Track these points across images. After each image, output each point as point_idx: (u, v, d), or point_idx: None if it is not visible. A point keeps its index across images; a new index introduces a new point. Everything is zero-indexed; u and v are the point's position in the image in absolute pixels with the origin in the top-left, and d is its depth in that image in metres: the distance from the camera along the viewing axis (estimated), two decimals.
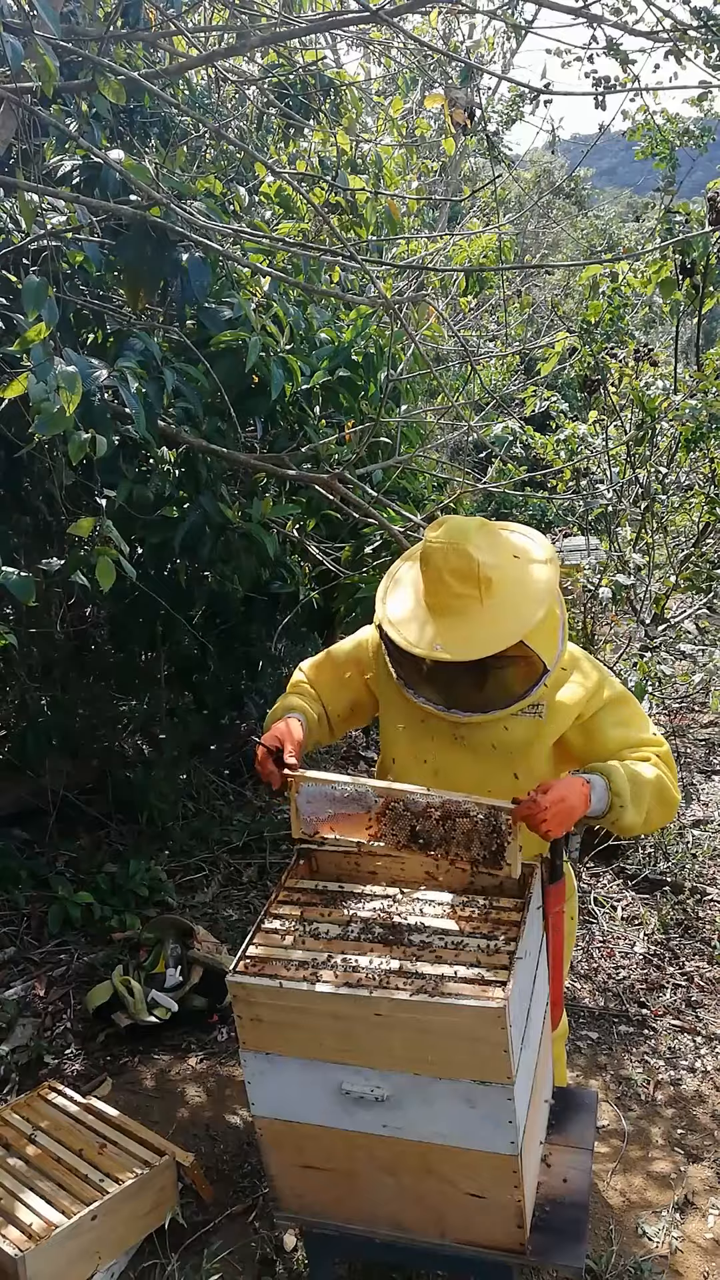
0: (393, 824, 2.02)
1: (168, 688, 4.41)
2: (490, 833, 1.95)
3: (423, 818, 1.99)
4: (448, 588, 2.03)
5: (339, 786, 2.08)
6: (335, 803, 2.08)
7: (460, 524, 2.07)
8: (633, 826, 2.10)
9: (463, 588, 2.02)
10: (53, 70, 2.06)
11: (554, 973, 2.30)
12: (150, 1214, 2.37)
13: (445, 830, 1.98)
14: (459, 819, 1.96)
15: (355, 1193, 1.96)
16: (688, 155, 5.80)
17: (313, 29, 3.54)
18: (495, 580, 2.03)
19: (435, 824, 1.98)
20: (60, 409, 2.15)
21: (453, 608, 2.04)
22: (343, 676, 2.35)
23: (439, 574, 2.03)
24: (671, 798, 2.15)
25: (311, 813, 2.10)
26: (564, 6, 2.85)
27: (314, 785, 2.09)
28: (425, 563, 2.06)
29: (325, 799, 2.09)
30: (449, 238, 4.90)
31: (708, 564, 4.28)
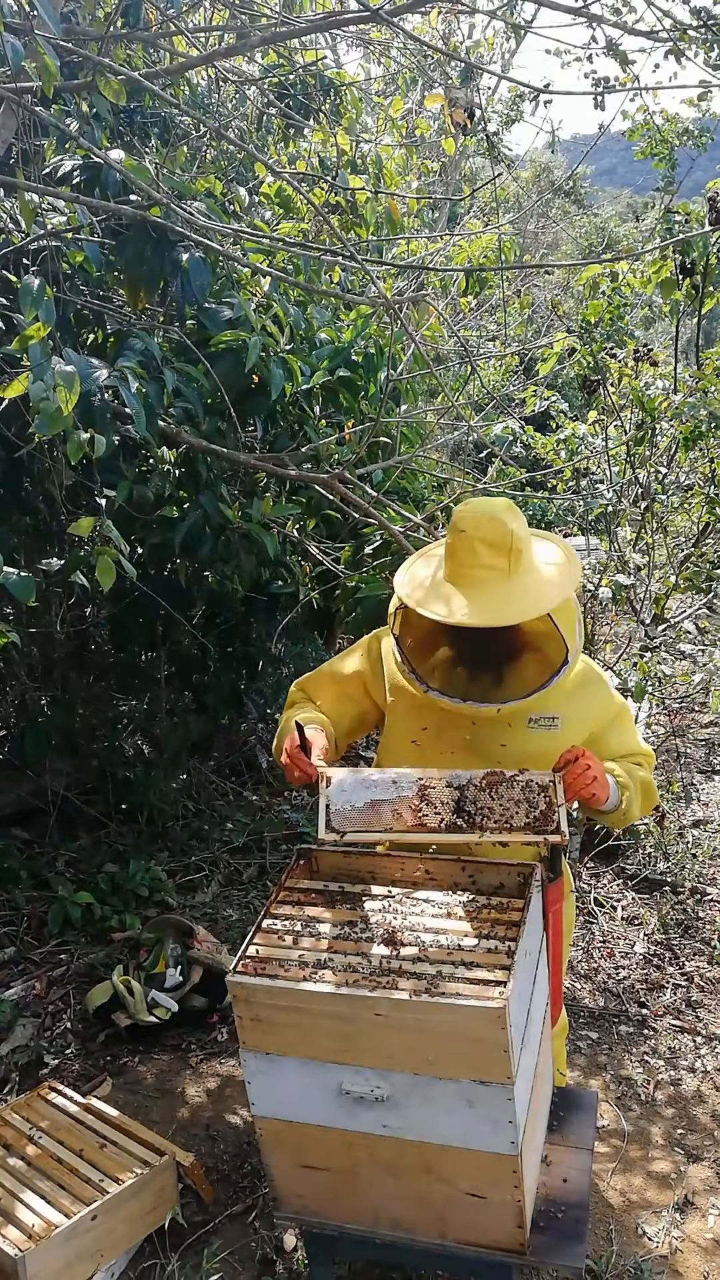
0: (436, 802, 1.99)
1: (168, 688, 4.41)
2: (537, 793, 1.96)
3: (466, 790, 1.98)
4: (477, 558, 2.02)
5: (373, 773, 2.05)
6: (371, 788, 2.03)
7: (490, 500, 2.11)
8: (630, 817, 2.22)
9: (492, 558, 2.02)
10: (53, 70, 2.06)
11: (553, 969, 2.30)
12: (150, 1214, 2.37)
13: (491, 797, 1.97)
14: (504, 785, 1.96)
15: (355, 1193, 1.96)
16: (687, 155, 5.80)
17: (313, 29, 3.54)
18: (524, 555, 2.05)
19: (480, 792, 1.97)
20: (58, 408, 2.15)
21: (479, 579, 2.03)
22: (346, 690, 2.33)
23: (471, 543, 2.02)
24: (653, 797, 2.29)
25: (345, 802, 2.02)
26: (564, 6, 2.85)
27: (346, 776, 2.04)
28: (456, 533, 2.05)
29: (360, 786, 2.03)
30: (449, 238, 4.90)
31: (708, 564, 4.27)
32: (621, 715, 2.25)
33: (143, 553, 3.64)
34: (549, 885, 2.22)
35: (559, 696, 2.12)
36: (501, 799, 1.97)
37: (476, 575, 2.03)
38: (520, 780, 1.99)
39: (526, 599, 2.02)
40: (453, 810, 1.99)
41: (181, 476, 3.44)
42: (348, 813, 2.03)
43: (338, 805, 2.03)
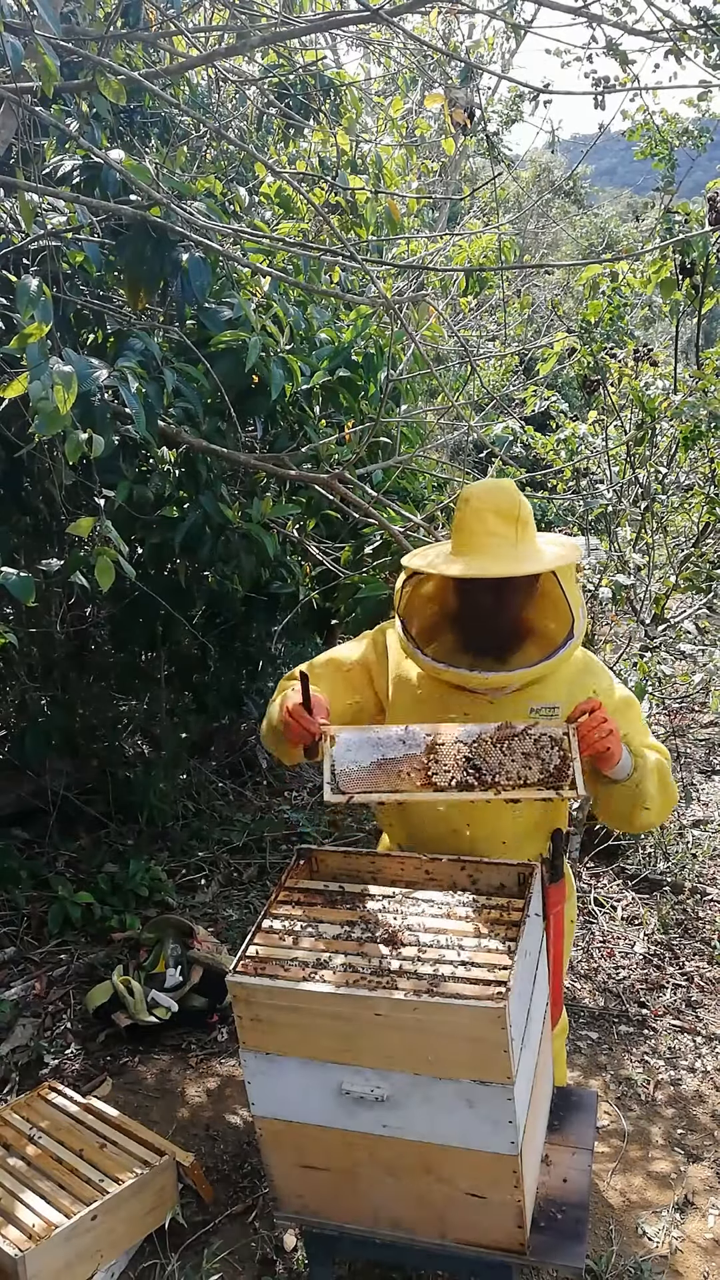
0: (446, 759, 1.95)
1: (168, 688, 4.41)
2: (551, 748, 1.91)
3: (478, 745, 1.94)
4: (485, 525, 2.05)
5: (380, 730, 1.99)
6: (379, 746, 1.97)
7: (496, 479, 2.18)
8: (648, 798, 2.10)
9: (500, 525, 2.05)
10: (53, 70, 2.06)
11: (554, 971, 2.30)
12: (150, 1214, 2.37)
13: (504, 752, 1.92)
14: (516, 739, 1.92)
15: (355, 1193, 1.96)
16: (687, 155, 5.80)
17: (313, 29, 3.54)
18: (530, 527, 2.09)
19: (492, 747, 1.93)
20: (57, 408, 2.15)
21: (486, 546, 2.06)
22: (347, 678, 2.32)
23: (480, 511, 2.06)
24: (672, 788, 2.18)
25: (351, 761, 1.97)
26: (564, 6, 2.85)
27: (351, 733, 1.99)
28: (464, 505, 2.09)
29: (368, 744, 1.98)
30: (449, 238, 4.90)
31: (708, 564, 4.27)
32: (627, 708, 2.21)
33: (143, 553, 3.64)
34: (550, 887, 2.22)
35: (559, 685, 2.12)
36: (514, 754, 1.92)
37: (484, 542, 2.06)
38: (533, 734, 1.94)
39: (534, 558, 2.07)
40: (464, 768, 1.94)
41: (181, 476, 3.44)
42: (354, 773, 1.97)
43: (344, 765, 1.97)
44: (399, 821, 2.28)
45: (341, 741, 1.99)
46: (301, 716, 2.02)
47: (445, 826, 2.18)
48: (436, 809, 2.16)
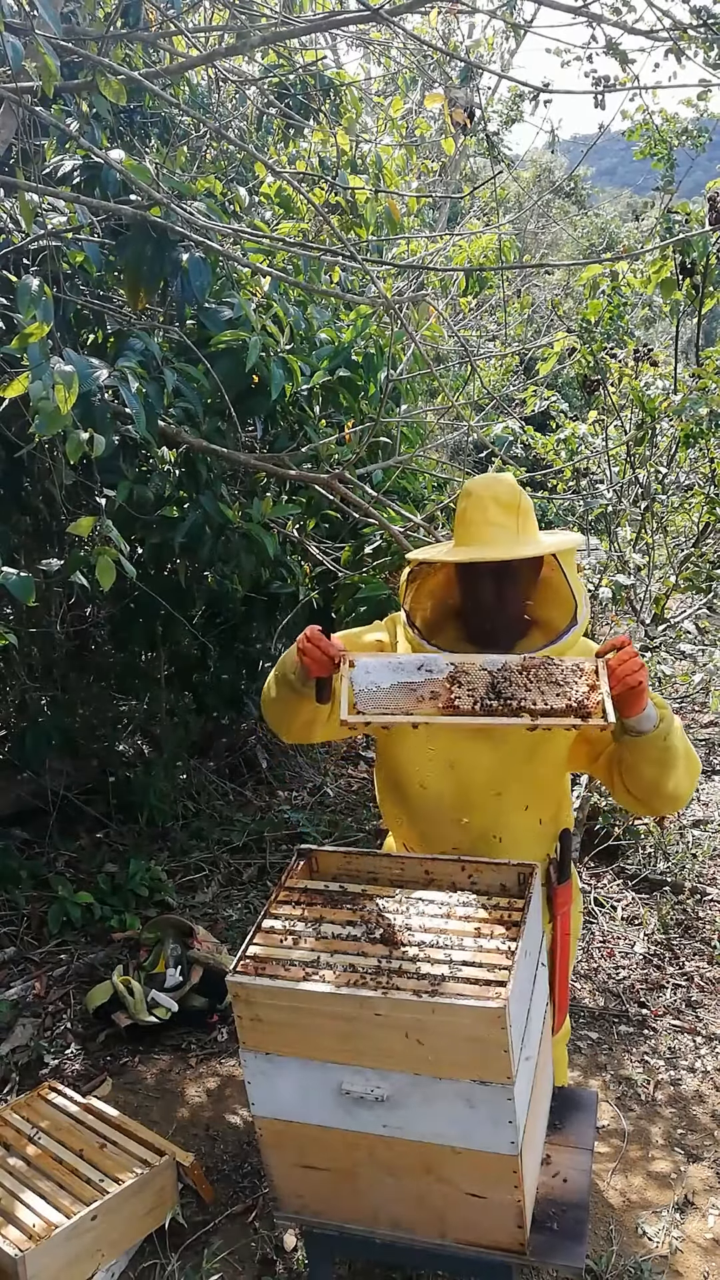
0: (470, 685, 1.89)
1: (168, 688, 4.41)
2: (577, 675, 1.86)
3: (503, 670, 1.89)
4: (486, 515, 2.07)
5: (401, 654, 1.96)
6: (399, 670, 1.92)
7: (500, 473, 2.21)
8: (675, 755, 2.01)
9: (501, 515, 2.07)
10: (54, 70, 2.06)
11: (560, 974, 2.29)
12: (150, 1214, 2.37)
13: (529, 679, 1.88)
14: (541, 668, 1.89)
15: (355, 1193, 1.96)
16: (687, 155, 5.80)
17: (313, 28, 3.54)
18: (531, 517, 2.12)
19: (518, 674, 1.88)
20: (57, 407, 2.15)
21: (487, 537, 2.07)
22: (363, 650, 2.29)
23: (481, 501, 2.08)
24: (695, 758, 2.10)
25: (370, 683, 1.90)
26: (564, 6, 2.85)
27: (371, 657, 1.94)
28: (468, 496, 2.11)
29: (387, 668, 1.92)
30: (449, 238, 4.90)
31: (708, 564, 4.27)
32: None
33: (143, 553, 3.64)
34: (558, 887, 2.22)
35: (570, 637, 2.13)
36: (540, 683, 1.86)
37: (485, 532, 2.07)
38: (561, 663, 1.88)
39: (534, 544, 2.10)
40: (486, 691, 1.87)
41: (182, 476, 3.44)
42: (373, 693, 1.90)
43: (362, 686, 1.90)
44: (407, 817, 2.27)
45: (360, 664, 1.92)
46: (320, 640, 1.95)
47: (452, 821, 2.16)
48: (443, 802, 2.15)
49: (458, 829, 2.17)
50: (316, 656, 1.96)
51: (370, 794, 4.81)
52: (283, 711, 2.16)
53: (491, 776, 2.12)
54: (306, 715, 2.12)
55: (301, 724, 2.16)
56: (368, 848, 2.25)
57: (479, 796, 2.14)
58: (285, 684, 2.09)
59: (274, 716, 2.21)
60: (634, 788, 2.08)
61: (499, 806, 2.14)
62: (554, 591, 2.17)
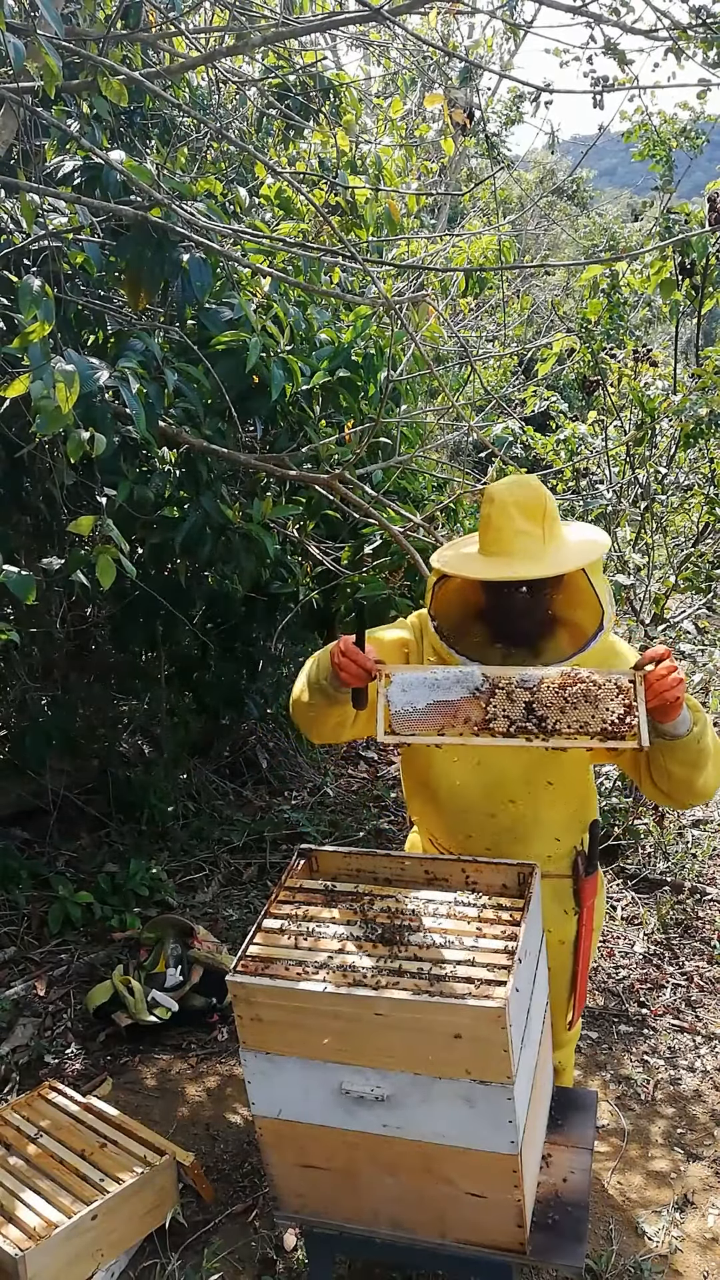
0: (506, 703, 1.90)
1: (168, 688, 4.41)
2: (615, 696, 1.86)
3: (539, 690, 1.90)
4: (512, 523, 2.05)
5: (438, 671, 1.96)
6: (436, 688, 1.93)
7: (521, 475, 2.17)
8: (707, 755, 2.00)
9: (527, 523, 2.05)
10: (55, 70, 2.06)
11: (580, 966, 2.29)
12: (150, 1214, 2.37)
13: (566, 700, 1.88)
14: (579, 685, 1.88)
15: (355, 1192, 1.96)
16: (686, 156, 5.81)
17: (313, 28, 3.55)
18: (557, 522, 2.09)
19: (554, 695, 1.89)
20: (58, 407, 2.16)
21: (514, 547, 2.05)
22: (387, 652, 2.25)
23: (505, 508, 2.05)
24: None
25: (406, 703, 1.93)
26: (563, 5, 2.85)
27: (408, 673, 1.95)
28: (491, 501, 2.08)
29: (424, 685, 1.94)
30: (449, 238, 4.91)
31: (707, 564, 4.27)
32: None
33: (143, 553, 3.64)
34: (585, 879, 2.22)
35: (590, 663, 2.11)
36: (577, 702, 1.87)
37: (511, 540, 2.06)
38: (598, 680, 1.88)
39: (563, 555, 2.07)
40: (523, 714, 1.89)
41: (182, 477, 3.45)
42: (408, 715, 1.93)
43: (399, 706, 1.93)
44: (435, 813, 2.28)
45: (397, 681, 1.94)
46: (356, 654, 1.95)
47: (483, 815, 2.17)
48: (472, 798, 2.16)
49: (487, 823, 2.18)
50: (353, 670, 1.96)
51: (370, 793, 4.81)
52: (315, 716, 2.16)
53: (519, 771, 2.14)
54: (338, 718, 2.13)
55: (333, 726, 2.17)
56: (368, 848, 2.25)
57: (507, 791, 2.15)
58: (319, 690, 2.08)
59: (304, 720, 2.20)
60: (662, 783, 2.09)
61: (528, 800, 2.15)
62: (580, 593, 2.16)
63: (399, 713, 1.92)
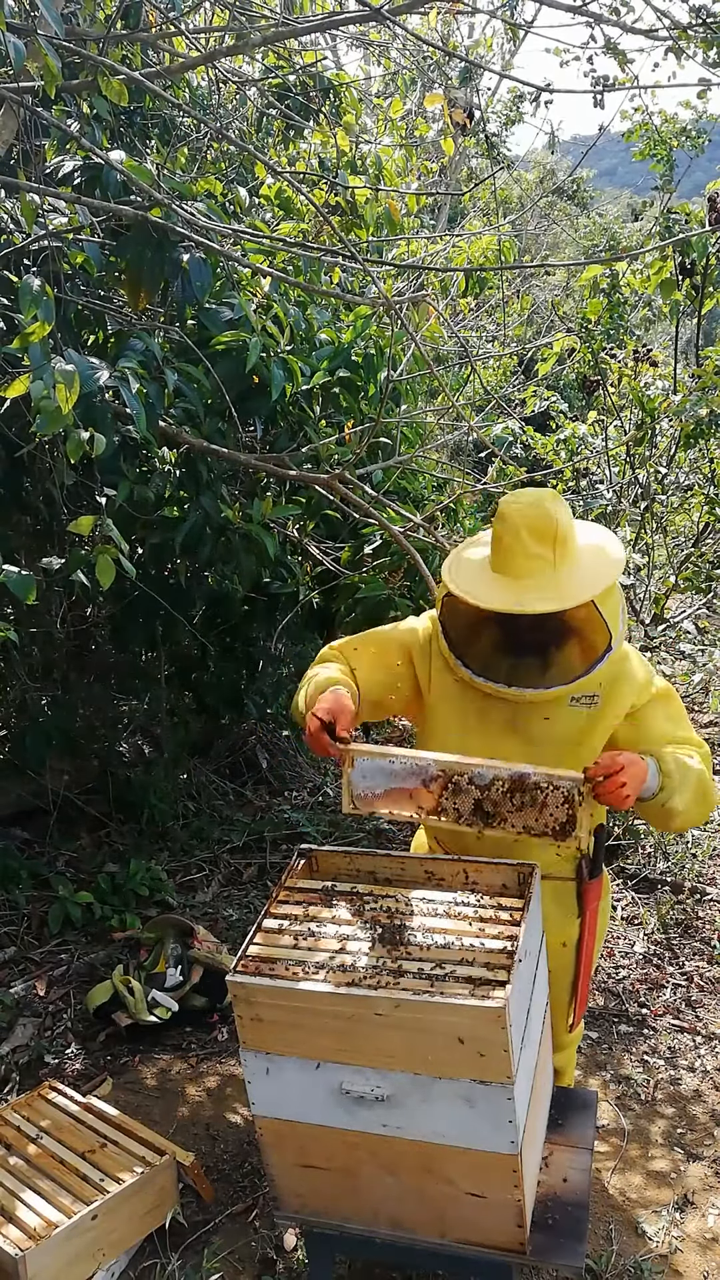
0: (455, 797, 1.99)
1: (168, 688, 4.41)
2: (561, 804, 1.92)
3: (489, 790, 1.97)
4: (524, 547, 2.04)
5: (397, 761, 2.04)
6: (393, 777, 2.04)
7: (536, 490, 2.12)
8: (676, 813, 2.07)
9: (539, 547, 2.03)
10: (55, 70, 2.06)
11: (583, 969, 2.29)
12: (150, 1214, 2.37)
13: (513, 803, 1.95)
14: (528, 792, 1.94)
15: (355, 1192, 1.96)
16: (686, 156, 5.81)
17: (313, 28, 3.55)
18: (569, 543, 2.06)
19: (503, 796, 1.96)
20: (59, 407, 2.16)
21: (524, 569, 2.05)
22: (386, 660, 2.30)
23: (516, 531, 2.04)
24: (711, 794, 2.14)
25: (366, 788, 2.06)
26: (563, 5, 2.85)
27: (369, 760, 2.05)
28: (501, 521, 2.07)
29: (382, 773, 2.04)
30: (449, 238, 4.91)
31: (707, 564, 4.28)
32: (666, 699, 2.20)
33: (143, 553, 3.64)
34: (589, 883, 2.23)
35: (601, 672, 2.11)
36: (522, 806, 1.95)
37: (522, 564, 2.05)
38: (545, 786, 1.95)
39: (572, 586, 2.04)
40: (471, 809, 1.98)
41: (182, 477, 3.45)
42: (368, 796, 2.05)
43: (359, 789, 2.06)
44: None
45: (359, 767, 2.06)
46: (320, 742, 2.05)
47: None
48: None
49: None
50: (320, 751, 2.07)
51: None
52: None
53: None
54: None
55: None
56: (368, 848, 2.26)
57: None
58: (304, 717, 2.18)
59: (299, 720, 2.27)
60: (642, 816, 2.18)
61: None
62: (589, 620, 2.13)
63: (359, 794, 2.06)
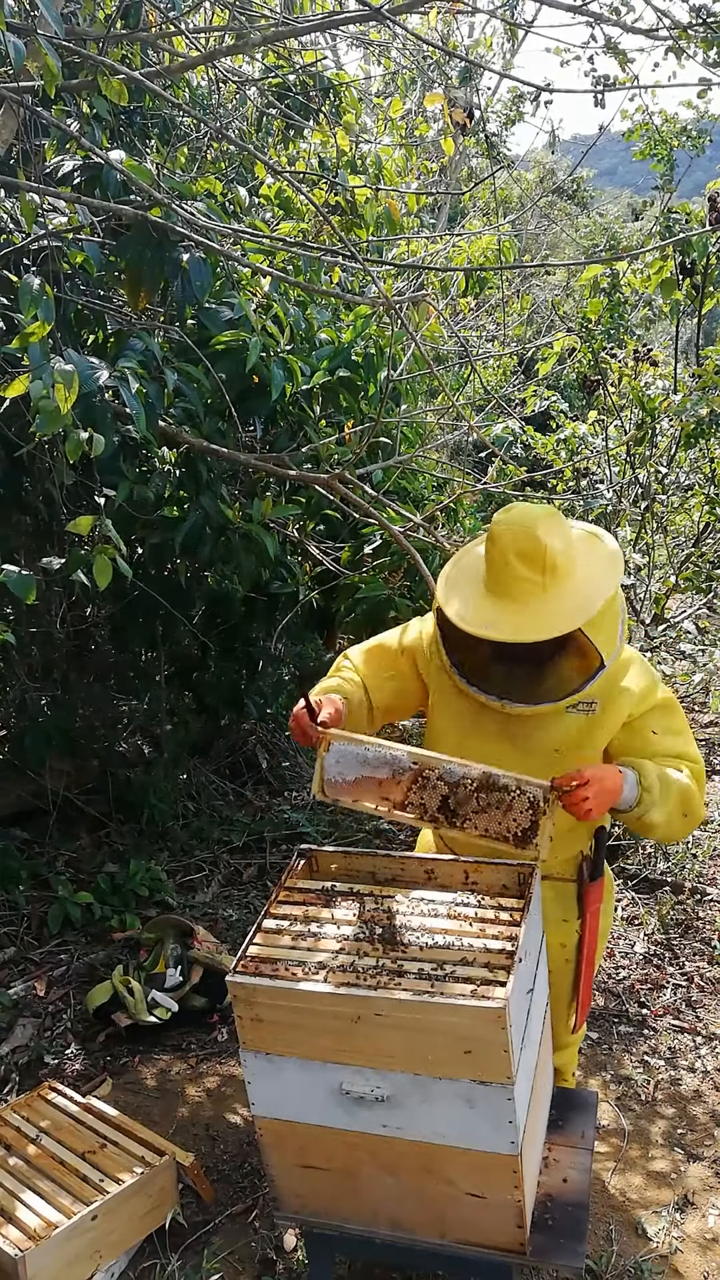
0: (423, 792, 1.99)
1: (168, 688, 4.41)
2: (525, 809, 1.92)
3: (457, 788, 1.96)
4: (512, 570, 2.02)
5: (371, 749, 2.04)
6: (365, 765, 2.03)
7: (530, 509, 2.07)
8: (655, 826, 2.08)
9: (527, 571, 2.02)
10: (55, 70, 2.06)
11: (585, 973, 2.29)
12: (150, 1214, 2.37)
13: (479, 803, 1.95)
14: (495, 792, 1.93)
15: (355, 1193, 1.96)
16: (686, 155, 5.81)
17: (313, 28, 3.54)
18: (560, 567, 2.03)
19: (469, 795, 1.95)
20: (58, 407, 2.16)
21: (514, 591, 2.03)
22: (394, 665, 2.32)
23: (505, 555, 2.03)
24: (696, 810, 2.13)
25: (338, 773, 2.05)
26: (564, 5, 2.85)
27: (345, 744, 2.05)
28: (492, 543, 2.06)
29: (355, 760, 2.04)
30: (449, 238, 4.91)
31: (707, 564, 4.28)
32: (666, 710, 2.17)
33: (143, 553, 3.64)
34: (590, 885, 2.22)
35: (601, 680, 2.08)
36: (489, 806, 1.95)
37: (511, 586, 2.04)
38: (513, 791, 1.95)
39: (559, 615, 2.01)
40: (438, 805, 1.98)
41: (182, 477, 3.45)
42: (339, 781, 2.05)
43: (331, 774, 2.06)
44: None
45: (334, 751, 2.06)
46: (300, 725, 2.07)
47: None
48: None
49: None
50: (299, 734, 2.09)
51: None
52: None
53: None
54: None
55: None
56: (368, 848, 2.26)
57: None
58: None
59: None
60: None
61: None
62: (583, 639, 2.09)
63: (330, 779, 2.06)
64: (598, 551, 2.15)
